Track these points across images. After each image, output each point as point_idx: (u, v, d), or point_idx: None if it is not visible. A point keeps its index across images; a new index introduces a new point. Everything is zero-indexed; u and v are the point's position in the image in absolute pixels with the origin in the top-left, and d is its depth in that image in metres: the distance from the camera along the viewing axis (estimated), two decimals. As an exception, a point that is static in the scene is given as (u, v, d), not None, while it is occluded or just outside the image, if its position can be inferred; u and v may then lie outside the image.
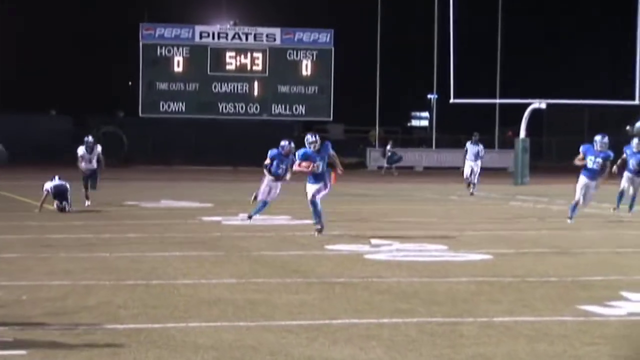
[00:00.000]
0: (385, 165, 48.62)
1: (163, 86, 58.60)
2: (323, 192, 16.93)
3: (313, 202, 16.69)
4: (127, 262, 14.69)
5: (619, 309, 9.99)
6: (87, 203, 24.65)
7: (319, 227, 16.73)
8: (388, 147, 51.97)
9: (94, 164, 25.80)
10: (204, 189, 35.19)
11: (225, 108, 55.63)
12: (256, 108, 58.40)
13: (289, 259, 15.34)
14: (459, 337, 8.28)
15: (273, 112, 58.33)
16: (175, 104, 57.89)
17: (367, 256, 14.67)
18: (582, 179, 21.10)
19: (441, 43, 56.80)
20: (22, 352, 7.30)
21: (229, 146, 54.20)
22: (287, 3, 63.30)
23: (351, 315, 9.52)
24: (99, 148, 26.30)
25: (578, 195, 20.20)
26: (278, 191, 19.03)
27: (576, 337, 8.53)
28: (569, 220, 20.51)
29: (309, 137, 17.08)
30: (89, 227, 20.68)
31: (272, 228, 20.64)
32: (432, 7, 62.51)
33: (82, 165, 25.75)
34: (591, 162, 20.92)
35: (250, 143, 51.97)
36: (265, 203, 19.10)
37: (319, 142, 16.92)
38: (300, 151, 16.86)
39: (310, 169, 16.53)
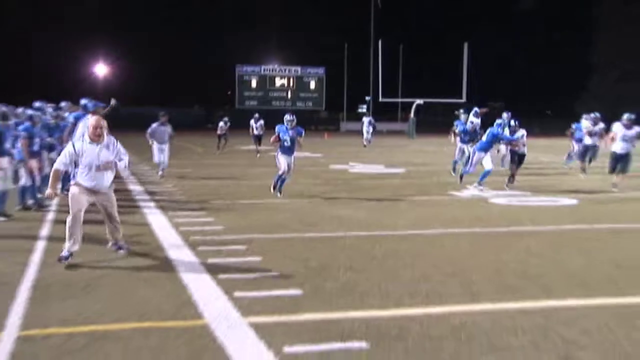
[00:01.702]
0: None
1: (247, 94, 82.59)
2: (290, 170, 16.40)
3: (281, 177, 16.22)
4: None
5: None
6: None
7: (274, 188, 16.42)
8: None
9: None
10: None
11: (275, 104, 77.88)
12: (289, 103, 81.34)
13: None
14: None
15: (297, 105, 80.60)
16: (252, 101, 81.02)
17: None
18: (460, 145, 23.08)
19: (375, 68, 71.39)
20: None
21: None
22: (302, 54, 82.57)
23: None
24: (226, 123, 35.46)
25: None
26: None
27: None
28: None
29: (287, 116, 16.53)
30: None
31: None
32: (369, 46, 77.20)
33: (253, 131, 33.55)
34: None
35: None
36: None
37: (294, 121, 16.34)
38: (278, 126, 16.37)
39: (274, 141, 16.26)
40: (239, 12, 76.31)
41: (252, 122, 33.75)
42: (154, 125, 20.69)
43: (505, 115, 22.98)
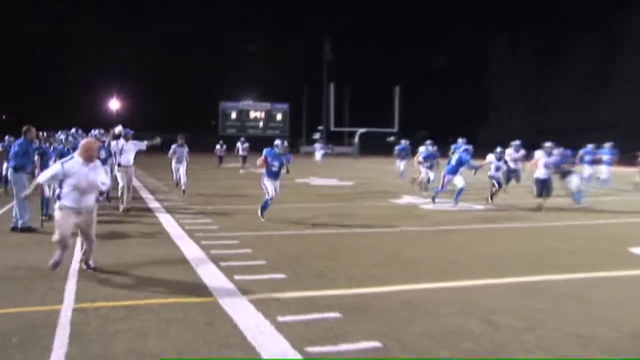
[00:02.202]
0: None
1: (228, 123, 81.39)
2: (276, 195, 13.35)
3: (267, 202, 13.23)
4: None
5: None
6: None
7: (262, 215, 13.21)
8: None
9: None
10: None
11: (250, 131, 75.03)
12: (261, 131, 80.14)
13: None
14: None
15: (267, 133, 78.81)
16: (232, 129, 78.95)
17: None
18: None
19: (327, 104, 72.57)
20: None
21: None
22: (271, 93, 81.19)
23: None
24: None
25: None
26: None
27: None
28: None
29: (278, 141, 13.76)
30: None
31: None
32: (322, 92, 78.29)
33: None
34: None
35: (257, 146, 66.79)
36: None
37: (286, 147, 13.81)
38: (266, 150, 13.41)
39: (261, 164, 13.12)
40: (222, 61, 76.39)
41: (238, 144, 32.99)
42: (174, 146, 19.13)
43: (460, 140, 22.44)
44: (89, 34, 70.09)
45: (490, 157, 18.30)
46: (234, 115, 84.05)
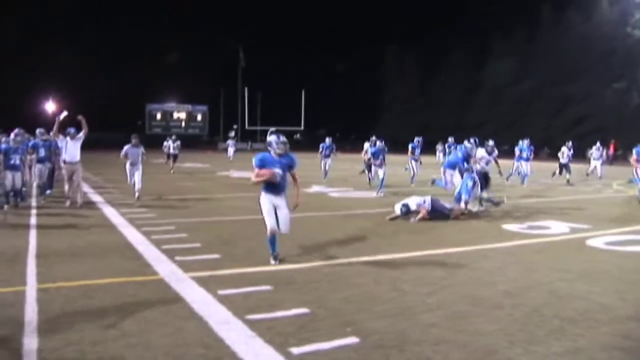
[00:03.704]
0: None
1: (153, 123, 79.75)
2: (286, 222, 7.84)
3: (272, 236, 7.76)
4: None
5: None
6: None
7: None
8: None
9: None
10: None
11: (174, 130, 67.47)
12: (183, 130, 77.62)
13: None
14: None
15: (189, 132, 78.97)
16: (157, 129, 77.72)
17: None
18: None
19: (242, 106, 73.52)
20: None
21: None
22: (192, 96, 80.00)
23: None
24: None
25: None
26: None
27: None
28: None
29: (273, 138, 8.05)
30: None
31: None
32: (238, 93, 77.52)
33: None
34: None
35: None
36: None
37: (287, 145, 8.07)
38: (258, 156, 7.97)
39: (267, 177, 7.68)
40: (147, 67, 74.29)
41: (169, 142, 28.92)
42: (127, 147, 15.48)
43: (450, 139, 21.59)
44: (26, 39, 67.90)
45: (481, 151, 15.44)
46: (159, 116, 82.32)
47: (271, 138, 8.06)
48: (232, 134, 75.15)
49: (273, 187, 7.82)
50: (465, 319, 5.51)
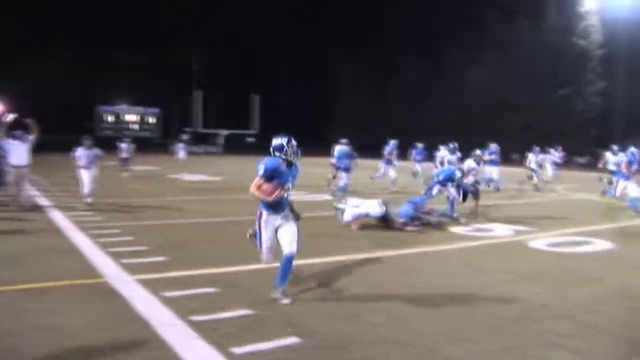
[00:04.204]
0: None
1: (104, 125, 78.86)
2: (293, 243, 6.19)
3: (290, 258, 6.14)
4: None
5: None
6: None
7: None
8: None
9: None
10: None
11: (125, 133, 69.10)
12: (135, 133, 76.26)
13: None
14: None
15: (141, 134, 77.84)
16: (108, 131, 76.60)
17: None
18: None
19: (197, 109, 73.20)
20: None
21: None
22: (145, 99, 79.83)
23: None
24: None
25: None
26: None
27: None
28: None
29: (281, 141, 6.12)
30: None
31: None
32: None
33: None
34: None
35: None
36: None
37: (294, 150, 6.18)
38: (267, 163, 5.98)
39: (277, 194, 5.92)
40: (99, 69, 72.78)
41: (122, 145, 27.74)
42: (80, 149, 14.43)
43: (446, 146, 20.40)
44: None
45: (470, 162, 14.30)
46: (109, 118, 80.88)
47: (279, 142, 6.16)
48: (185, 136, 74.56)
49: (277, 205, 6.17)
50: (408, 320, 5.62)
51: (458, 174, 13.07)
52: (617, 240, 10.66)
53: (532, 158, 23.25)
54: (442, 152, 19.98)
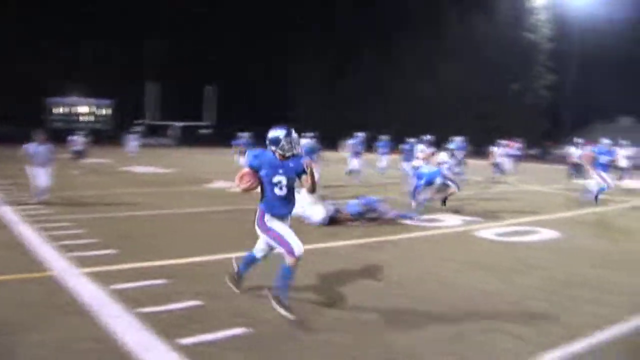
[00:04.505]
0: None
1: (55, 118, 76.62)
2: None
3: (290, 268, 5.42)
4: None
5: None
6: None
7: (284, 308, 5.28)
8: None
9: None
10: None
11: (76, 125, 69.47)
12: (86, 124, 74.93)
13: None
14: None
15: (93, 125, 76.11)
16: (59, 123, 74.11)
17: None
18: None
19: (149, 102, 75.66)
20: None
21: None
22: (97, 91, 76.97)
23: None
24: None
25: None
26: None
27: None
28: None
29: (279, 133, 5.46)
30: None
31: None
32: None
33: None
34: None
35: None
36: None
37: (298, 144, 5.56)
38: (254, 152, 5.65)
39: (248, 186, 5.49)
40: (50, 60, 70.82)
41: (74, 137, 27.31)
42: (31, 145, 13.26)
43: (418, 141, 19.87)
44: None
45: (444, 156, 14.29)
46: (61, 109, 79.14)
47: (278, 133, 5.50)
48: (136, 128, 73.82)
49: (280, 204, 5.53)
50: (355, 309, 5.70)
51: (438, 180, 13.26)
52: (564, 229, 11.00)
53: (496, 152, 23.65)
54: (421, 147, 19.19)
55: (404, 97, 62.40)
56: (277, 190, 5.47)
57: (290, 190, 5.53)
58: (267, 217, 5.54)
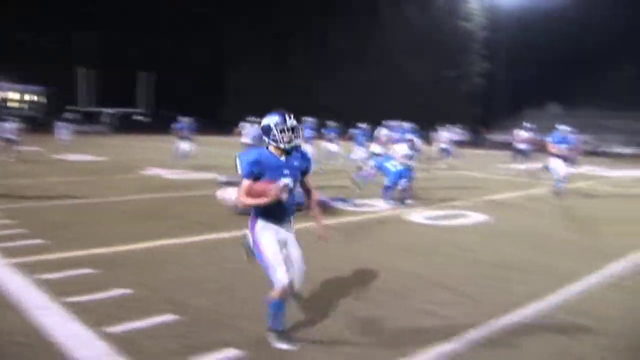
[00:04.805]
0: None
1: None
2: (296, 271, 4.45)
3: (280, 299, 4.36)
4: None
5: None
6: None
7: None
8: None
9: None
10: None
11: (6, 111, 62.97)
12: (18, 111, 68.12)
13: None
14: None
15: (25, 111, 71.98)
16: None
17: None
18: None
19: (82, 88, 72.17)
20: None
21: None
22: (27, 77, 73.87)
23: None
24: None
25: None
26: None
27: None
28: None
29: (274, 119, 4.30)
30: None
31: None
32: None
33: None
34: None
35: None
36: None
37: (299, 137, 4.35)
38: (246, 157, 4.25)
39: (270, 197, 4.10)
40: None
41: (5, 125, 24.56)
42: None
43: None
44: None
45: (404, 147, 13.03)
46: (-2, 96, 75.72)
47: (271, 120, 4.39)
48: (67, 115, 72.02)
49: (276, 208, 4.34)
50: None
51: (404, 182, 12.63)
52: (492, 212, 11.38)
53: (442, 137, 24.09)
54: (384, 131, 18.83)
55: (343, 83, 62.53)
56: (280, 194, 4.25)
57: (292, 191, 4.46)
58: (258, 225, 4.43)
